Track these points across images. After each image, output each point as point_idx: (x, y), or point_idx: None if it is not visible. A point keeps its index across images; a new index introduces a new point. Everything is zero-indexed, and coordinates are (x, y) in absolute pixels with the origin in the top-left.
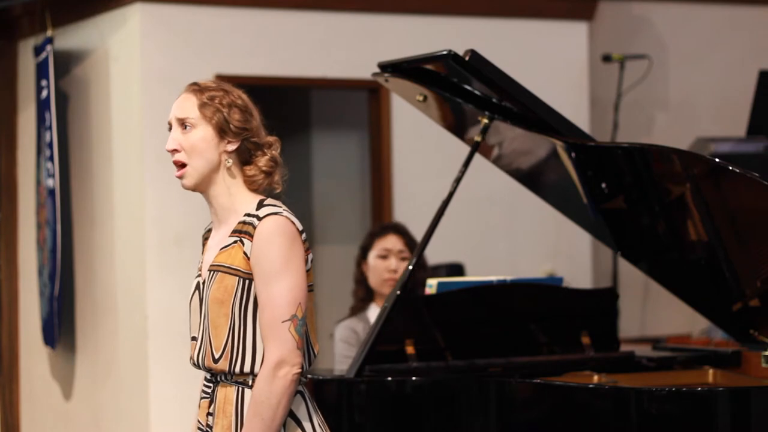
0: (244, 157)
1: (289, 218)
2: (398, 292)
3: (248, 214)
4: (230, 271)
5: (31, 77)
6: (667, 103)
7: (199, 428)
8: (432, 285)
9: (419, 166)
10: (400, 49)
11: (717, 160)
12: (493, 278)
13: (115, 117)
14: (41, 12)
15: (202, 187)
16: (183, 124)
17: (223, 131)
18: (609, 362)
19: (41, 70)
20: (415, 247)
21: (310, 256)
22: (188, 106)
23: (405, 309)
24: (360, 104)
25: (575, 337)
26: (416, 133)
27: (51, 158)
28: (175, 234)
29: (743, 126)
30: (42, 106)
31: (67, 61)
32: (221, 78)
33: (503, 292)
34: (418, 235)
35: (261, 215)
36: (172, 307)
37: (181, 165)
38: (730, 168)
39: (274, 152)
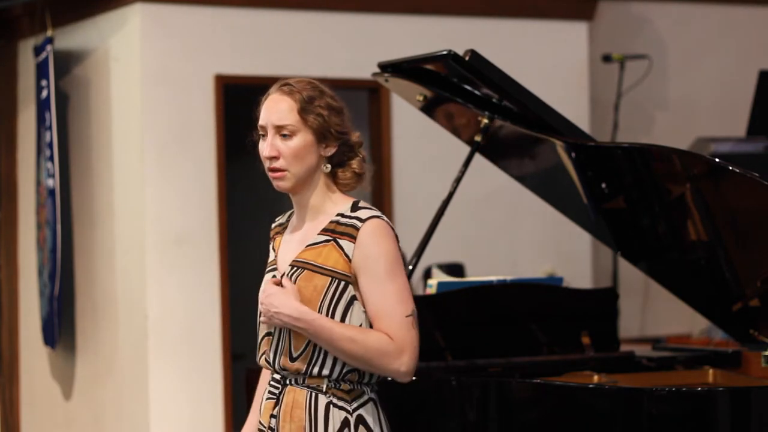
0: (338, 159)
1: (388, 223)
2: None
3: (343, 215)
4: (322, 270)
5: (31, 77)
6: (667, 103)
7: (260, 430)
8: (432, 285)
9: (419, 166)
10: (400, 49)
11: (717, 160)
12: (493, 278)
13: (115, 117)
14: (41, 12)
15: (297, 189)
16: (281, 131)
17: (323, 136)
18: (609, 362)
19: (41, 70)
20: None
21: None
22: (285, 110)
23: None
24: (360, 104)
25: (575, 337)
26: (416, 133)
27: (51, 158)
28: (175, 234)
29: (743, 126)
30: (42, 106)
31: (67, 61)
32: (221, 78)
33: (503, 292)
34: (419, 235)
35: (363, 217)
36: (172, 307)
37: (280, 170)
38: (730, 168)
39: (363, 152)
